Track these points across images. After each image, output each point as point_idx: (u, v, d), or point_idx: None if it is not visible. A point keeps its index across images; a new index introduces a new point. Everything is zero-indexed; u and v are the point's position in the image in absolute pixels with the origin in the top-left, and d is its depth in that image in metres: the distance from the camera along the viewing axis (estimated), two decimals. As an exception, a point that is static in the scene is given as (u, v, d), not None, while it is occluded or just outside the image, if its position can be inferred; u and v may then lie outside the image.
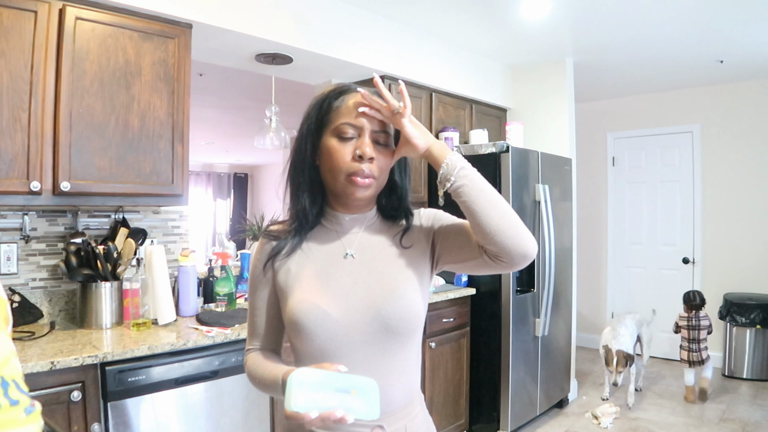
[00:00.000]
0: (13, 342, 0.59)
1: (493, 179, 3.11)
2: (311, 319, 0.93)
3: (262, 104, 3.42)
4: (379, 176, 0.98)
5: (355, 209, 1.04)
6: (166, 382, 1.81)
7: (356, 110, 0.97)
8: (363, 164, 0.95)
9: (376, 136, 0.98)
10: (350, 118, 0.97)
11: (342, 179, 0.96)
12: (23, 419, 0.53)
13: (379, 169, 0.98)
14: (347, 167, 0.96)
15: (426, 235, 1.06)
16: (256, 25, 2.49)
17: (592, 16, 3.11)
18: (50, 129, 1.85)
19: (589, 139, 5.15)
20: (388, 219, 1.08)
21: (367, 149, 0.95)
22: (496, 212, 0.91)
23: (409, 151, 0.98)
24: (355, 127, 0.97)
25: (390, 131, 1.01)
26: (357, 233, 1.04)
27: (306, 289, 0.97)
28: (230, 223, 10.47)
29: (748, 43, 3.50)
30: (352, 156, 0.96)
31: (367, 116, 0.97)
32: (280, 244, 1.02)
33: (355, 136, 0.97)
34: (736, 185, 4.51)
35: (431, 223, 1.07)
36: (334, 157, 0.97)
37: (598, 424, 3.34)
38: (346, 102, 0.98)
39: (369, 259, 1.01)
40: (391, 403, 0.94)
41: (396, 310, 0.95)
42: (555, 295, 3.44)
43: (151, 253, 2.19)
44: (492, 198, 0.92)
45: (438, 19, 3.17)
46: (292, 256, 1.02)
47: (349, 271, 0.99)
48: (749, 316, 4.10)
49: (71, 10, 1.88)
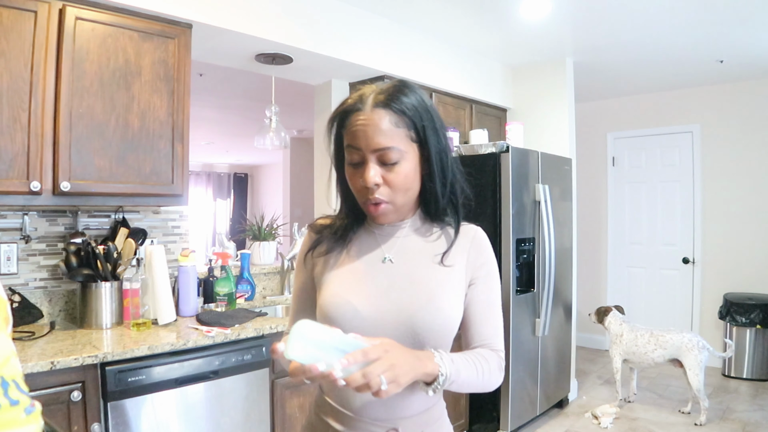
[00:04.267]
0: (13, 342, 0.59)
1: (493, 179, 3.11)
2: (341, 314, 0.93)
3: (262, 104, 3.43)
4: (395, 196, 0.94)
5: (391, 221, 1.02)
6: (166, 382, 1.81)
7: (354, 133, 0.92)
8: (370, 194, 0.93)
9: (381, 155, 0.91)
10: (350, 141, 0.93)
11: (361, 203, 0.97)
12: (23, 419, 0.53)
13: (391, 190, 0.93)
14: (360, 196, 0.96)
15: (466, 270, 1.01)
16: (256, 25, 2.49)
17: (592, 16, 3.11)
18: (50, 129, 1.85)
19: (589, 139, 5.15)
20: (431, 222, 1.04)
21: (368, 178, 0.91)
22: (472, 389, 0.97)
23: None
24: (357, 153, 0.93)
25: (399, 137, 0.92)
26: (398, 238, 1.02)
27: (340, 285, 0.97)
28: (230, 223, 10.46)
29: (748, 43, 3.50)
30: (362, 185, 0.93)
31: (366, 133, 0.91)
32: (321, 238, 1.05)
33: (360, 161, 0.93)
34: (736, 185, 4.51)
35: (476, 265, 1.02)
36: (350, 185, 0.97)
37: (598, 424, 3.34)
38: (349, 122, 0.94)
39: (408, 266, 0.99)
40: (408, 408, 0.94)
41: (428, 321, 0.93)
42: (555, 295, 3.44)
43: (151, 253, 2.19)
44: (474, 386, 0.95)
45: (438, 19, 3.17)
46: (331, 252, 1.02)
47: (386, 274, 0.98)
48: (749, 316, 4.10)
49: (71, 10, 1.88)
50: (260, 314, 2.31)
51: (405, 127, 0.93)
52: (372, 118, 0.91)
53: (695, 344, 3.28)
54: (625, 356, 3.55)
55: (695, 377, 3.24)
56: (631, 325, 3.59)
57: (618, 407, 3.54)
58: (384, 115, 0.91)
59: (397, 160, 0.92)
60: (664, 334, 3.41)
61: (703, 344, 3.30)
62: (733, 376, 4.24)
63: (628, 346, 3.52)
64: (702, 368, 3.26)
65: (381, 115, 0.91)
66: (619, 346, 3.56)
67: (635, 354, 3.49)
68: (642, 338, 3.47)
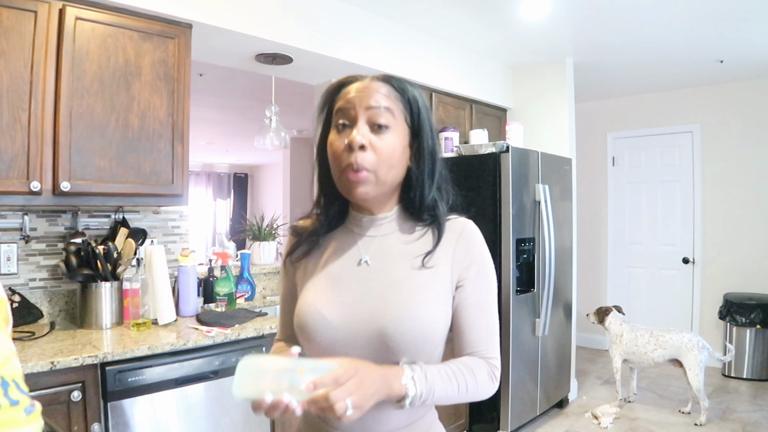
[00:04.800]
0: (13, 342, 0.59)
1: (493, 179, 3.11)
2: (311, 324, 0.88)
3: (262, 104, 3.43)
4: (379, 167, 0.84)
5: (369, 209, 0.93)
6: (166, 382, 1.81)
7: (350, 96, 0.86)
8: (352, 155, 0.82)
9: (372, 114, 0.84)
10: (343, 103, 0.87)
11: (338, 176, 0.87)
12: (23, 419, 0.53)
13: (376, 158, 0.84)
14: (339, 161, 0.85)
15: (452, 271, 0.91)
16: (256, 25, 2.49)
17: (592, 16, 3.10)
18: (50, 129, 1.85)
19: (589, 139, 5.15)
20: (413, 220, 0.94)
21: (355, 136, 0.82)
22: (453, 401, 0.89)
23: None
24: (348, 111, 0.85)
25: (395, 106, 0.87)
26: (375, 237, 0.93)
27: (314, 292, 0.91)
28: (230, 223, 10.46)
29: (748, 43, 3.49)
30: (344, 147, 0.84)
31: (362, 92, 0.85)
32: (300, 240, 0.98)
33: (348, 122, 0.85)
34: (736, 185, 4.51)
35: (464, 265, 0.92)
36: (330, 152, 0.87)
37: (598, 424, 3.34)
38: (344, 91, 0.89)
39: (384, 268, 0.91)
40: (389, 422, 0.88)
41: (401, 331, 0.84)
42: (555, 295, 3.44)
43: (151, 253, 2.19)
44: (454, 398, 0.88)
45: (438, 19, 3.17)
46: (310, 255, 0.97)
47: (360, 278, 0.90)
48: (749, 316, 4.10)
49: (71, 10, 1.88)
50: (260, 314, 2.31)
51: (402, 105, 0.89)
52: (371, 84, 0.88)
53: (695, 344, 3.28)
54: (625, 356, 3.55)
55: (695, 377, 3.24)
56: (631, 325, 3.59)
57: (618, 407, 3.53)
58: (384, 85, 0.89)
59: (389, 125, 0.85)
60: (664, 334, 3.41)
61: (703, 344, 3.30)
62: (733, 376, 4.24)
63: (628, 346, 3.52)
64: (702, 368, 3.26)
65: (380, 84, 0.89)
66: (619, 346, 3.56)
67: (635, 354, 3.49)
68: (642, 338, 3.47)
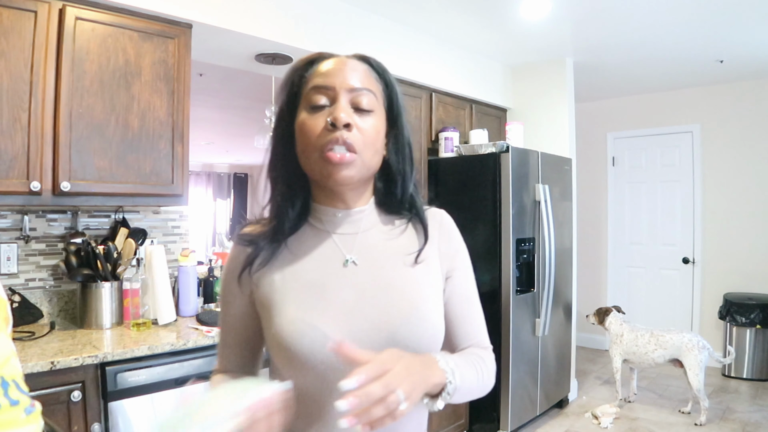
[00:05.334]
0: (13, 342, 0.59)
1: (493, 179, 3.11)
2: (306, 344, 0.74)
3: (262, 104, 3.43)
4: (363, 149, 0.77)
5: (344, 200, 0.83)
6: (166, 382, 1.81)
7: (326, 72, 0.78)
8: (336, 133, 0.74)
9: (355, 96, 0.77)
10: (318, 81, 0.78)
11: (315, 158, 0.76)
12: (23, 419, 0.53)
13: (362, 139, 0.76)
14: (318, 141, 0.75)
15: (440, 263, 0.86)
16: (256, 25, 2.49)
17: (592, 16, 3.10)
18: (50, 129, 1.85)
19: (589, 139, 5.15)
20: (392, 214, 0.87)
21: (340, 114, 0.74)
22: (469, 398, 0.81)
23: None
24: (326, 90, 0.77)
25: (376, 88, 0.81)
26: (355, 234, 0.83)
27: (299, 306, 0.77)
28: (230, 223, 10.46)
29: (748, 43, 3.49)
30: (324, 126, 0.75)
31: (342, 71, 0.78)
32: (257, 249, 0.82)
33: (327, 103, 0.77)
34: (736, 185, 4.51)
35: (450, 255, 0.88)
36: (304, 132, 0.77)
37: (598, 424, 3.34)
38: (317, 68, 0.80)
39: (375, 267, 0.82)
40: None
41: (415, 335, 0.77)
42: (555, 295, 3.44)
43: (151, 253, 2.19)
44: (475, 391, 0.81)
45: (438, 19, 3.17)
46: (273, 264, 0.82)
47: (351, 282, 0.80)
48: (749, 316, 4.10)
49: (71, 10, 1.88)
50: (260, 314, 2.30)
51: (381, 86, 0.82)
52: (349, 60, 0.80)
53: (695, 344, 3.28)
54: (626, 356, 3.55)
55: (695, 377, 3.24)
56: (631, 325, 3.60)
57: (618, 407, 3.53)
58: (362, 64, 0.82)
59: (372, 108, 0.78)
60: (664, 334, 3.41)
61: (704, 344, 3.30)
62: (733, 376, 4.24)
63: (628, 346, 3.52)
64: (702, 368, 3.26)
65: (359, 63, 0.82)
66: (619, 346, 3.56)
67: (635, 354, 3.50)
68: (642, 338, 3.47)
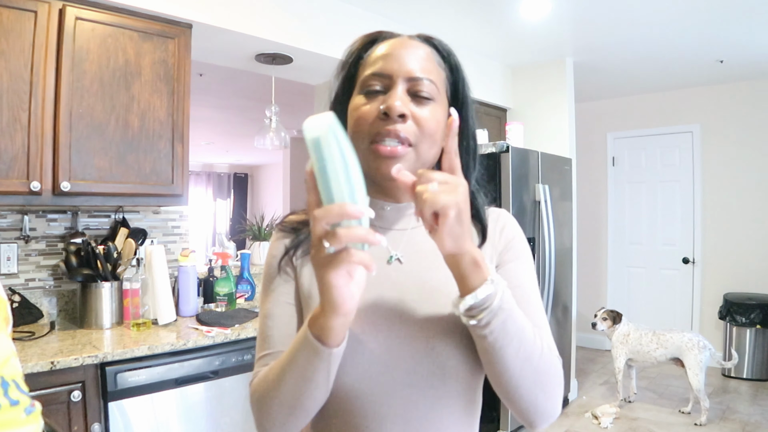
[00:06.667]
0: (13, 342, 0.59)
1: (493, 179, 3.11)
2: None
3: (262, 104, 3.43)
4: (419, 142, 0.69)
5: (397, 195, 0.76)
6: (166, 382, 1.81)
7: (384, 56, 0.71)
8: (389, 125, 0.67)
9: (414, 84, 0.70)
10: (374, 67, 0.71)
11: (363, 148, 0.69)
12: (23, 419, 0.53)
13: (417, 131, 0.69)
14: (368, 130, 0.69)
15: (491, 263, 0.76)
16: (256, 25, 2.49)
17: (592, 16, 3.10)
18: (50, 129, 1.85)
19: (589, 139, 5.15)
20: None
21: (395, 102, 0.67)
22: (523, 371, 0.64)
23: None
24: (383, 77, 0.70)
25: (438, 74, 0.73)
26: (404, 231, 0.76)
27: None
28: (230, 223, 10.47)
29: (748, 43, 3.49)
30: (377, 114, 0.68)
31: (402, 56, 0.70)
32: (299, 236, 0.77)
33: (383, 89, 0.70)
34: (736, 185, 4.51)
35: (500, 249, 0.78)
36: (355, 119, 0.71)
37: (598, 424, 3.34)
38: (375, 50, 0.74)
39: (421, 268, 0.74)
40: None
41: (460, 347, 0.68)
42: (555, 295, 3.44)
43: (151, 253, 2.19)
44: (527, 354, 0.64)
45: (438, 19, 3.17)
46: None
47: (394, 282, 0.72)
48: (749, 316, 4.10)
49: (71, 10, 1.88)
50: (260, 314, 2.30)
51: (444, 72, 0.75)
52: (411, 43, 0.73)
53: (695, 344, 3.28)
54: (630, 355, 3.56)
55: (695, 377, 3.24)
56: (635, 325, 3.62)
57: (618, 407, 3.54)
58: (425, 46, 0.74)
59: (433, 97, 0.71)
60: (666, 333, 3.42)
61: (704, 344, 3.30)
62: (733, 376, 4.24)
63: (633, 346, 3.54)
64: (702, 368, 3.26)
65: (421, 44, 0.74)
66: (625, 345, 3.57)
67: (639, 353, 3.51)
68: (645, 337, 3.49)
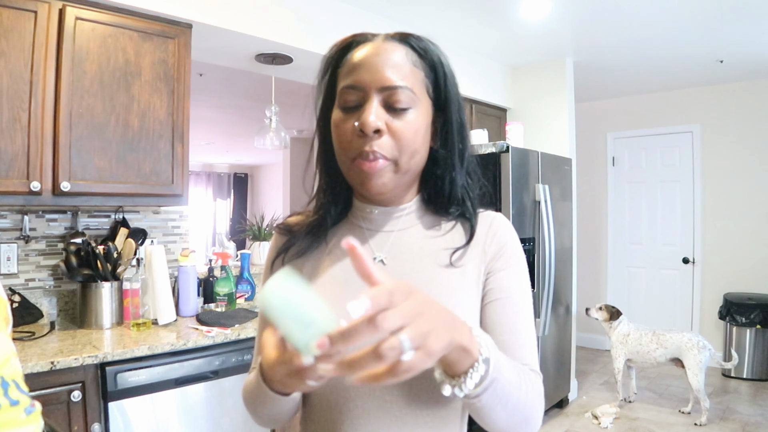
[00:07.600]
0: (13, 342, 0.59)
1: (493, 179, 3.11)
2: None
3: (262, 104, 3.43)
4: (400, 154, 0.69)
5: (383, 200, 0.76)
6: (166, 382, 1.81)
7: (356, 65, 0.70)
8: (366, 143, 0.67)
9: (388, 95, 0.68)
10: (349, 77, 0.70)
11: (347, 164, 0.71)
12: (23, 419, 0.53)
13: (394, 144, 0.68)
14: (348, 150, 0.70)
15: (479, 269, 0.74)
16: (256, 25, 2.49)
17: (592, 17, 3.10)
18: (50, 129, 1.85)
19: (589, 139, 5.15)
20: (439, 214, 0.78)
21: (369, 117, 0.66)
22: (510, 417, 0.62)
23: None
24: (357, 89, 0.69)
25: (415, 78, 0.70)
26: (391, 232, 0.76)
27: None
28: (230, 223, 10.46)
29: (748, 43, 3.49)
30: (354, 131, 0.68)
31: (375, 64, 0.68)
32: (293, 238, 0.80)
33: (357, 102, 0.69)
34: (736, 185, 4.51)
35: (490, 256, 0.75)
36: (335, 137, 0.72)
37: (598, 424, 3.34)
38: (350, 58, 0.72)
39: (405, 269, 0.73)
40: None
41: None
42: (555, 295, 3.44)
43: (151, 253, 2.19)
44: (514, 405, 0.61)
45: (438, 19, 3.17)
46: (309, 255, 0.79)
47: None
48: (749, 316, 4.10)
49: (71, 10, 1.88)
50: (260, 314, 2.30)
51: (422, 72, 0.72)
52: (384, 48, 0.70)
53: (695, 344, 3.28)
54: (629, 356, 3.56)
55: (695, 377, 3.24)
56: (635, 325, 3.61)
57: (618, 407, 3.54)
58: (399, 47, 0.71)
59: (409, 105, 0.69)
60: (666, 334, 3.42)
61: (704, 344, 3.30)
62: (733, 376, 4.24)
63: (632, 346, 3.54)
64: (702, 368, 3.26)
65: (395, 47, 0.71)
66: (625, 345, 3.57)
67: (639, 353, 3.51)
68: (645, 337, 3.49)
